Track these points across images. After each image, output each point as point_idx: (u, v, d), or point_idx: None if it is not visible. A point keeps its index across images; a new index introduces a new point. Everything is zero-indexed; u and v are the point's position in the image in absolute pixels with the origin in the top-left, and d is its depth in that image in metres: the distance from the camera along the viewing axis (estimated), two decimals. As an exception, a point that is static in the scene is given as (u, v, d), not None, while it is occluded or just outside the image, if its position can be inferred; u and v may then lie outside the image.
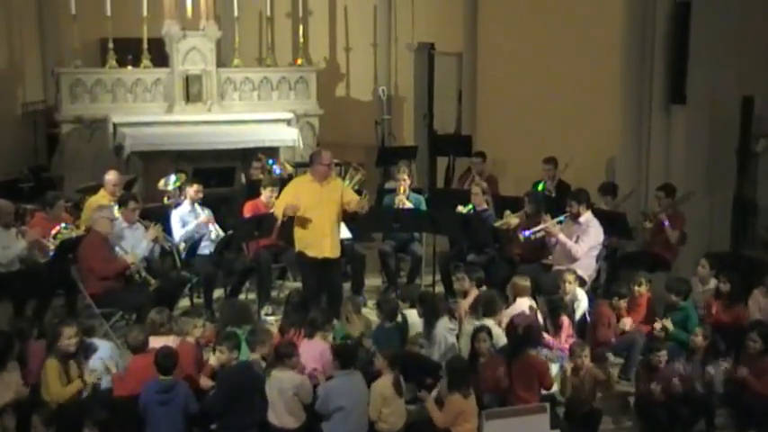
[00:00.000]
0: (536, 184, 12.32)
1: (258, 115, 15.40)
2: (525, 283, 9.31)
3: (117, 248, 9.74)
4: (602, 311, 9.11)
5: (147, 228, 10.13)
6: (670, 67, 12.00)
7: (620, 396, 8.80)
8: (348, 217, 10.11)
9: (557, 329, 8.94)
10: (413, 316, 8.98)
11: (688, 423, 8.46)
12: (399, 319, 8.92)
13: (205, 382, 7.73)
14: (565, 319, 8.95)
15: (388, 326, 8.76)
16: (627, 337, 9.06)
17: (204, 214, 10.70)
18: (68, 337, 7.64)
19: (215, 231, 10.66)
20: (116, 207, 10.48)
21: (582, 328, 9.28)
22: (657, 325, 9.07)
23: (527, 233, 10.15)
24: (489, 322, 8.58)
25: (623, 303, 9.21)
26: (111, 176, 11.17)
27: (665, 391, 8.24)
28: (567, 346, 8.75)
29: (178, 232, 10.59)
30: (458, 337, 8.79)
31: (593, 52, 12.97)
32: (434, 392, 7.93)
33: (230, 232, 10.43)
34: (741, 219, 12.06)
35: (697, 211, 11.24)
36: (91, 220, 9.79)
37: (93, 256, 9.43)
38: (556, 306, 9.04)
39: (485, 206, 11.11)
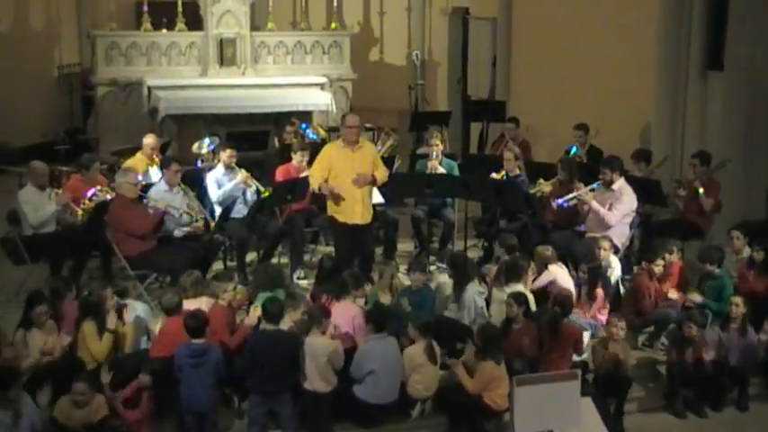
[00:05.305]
0: (569, 150, 12.21)
1: (292, 79, 15.43)
2: (547, 252, 9.23)
3: (145, 200, 9.76)
4: (641, 282, 9.02)
5: (186, 194, 10.14)
6: (708, 33, 11.85)
7: (648, 364, 8.80)
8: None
9: (591, 299, 8.92)
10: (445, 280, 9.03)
11: (721, 392, 8.45)
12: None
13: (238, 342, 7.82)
14: (599, 291, 8.91)
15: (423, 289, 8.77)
16: (664, 310, 8.96)
17: (240, 174, 10.62)
18: (109, 301, 7.86)
19: (254, 186, 10.52)
20: (154, 169, 10.55)
21: (615, 295, 9.26)
22: (691, 297, 9.01)
23: (560, 201, 10.09)
24: (520, 288, 8.58)
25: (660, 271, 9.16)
26: (149, 140, 11.22)
27: (697, 361, 8.24)
28: (600, 316, 8.75)
29: (215, 193, 10.54)
30: (488, 302, 8.80)
31: (630, 17, 12.82)
32: (463, 357, 7.98)
33: (264, 195, 10.41)
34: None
35: (733, 179, 11.12)
36: (116, 186, 9.81)
37: (127, 219, 9.46)
38: (594, 274, 8.96)
39: (517, 171, 11.06)
